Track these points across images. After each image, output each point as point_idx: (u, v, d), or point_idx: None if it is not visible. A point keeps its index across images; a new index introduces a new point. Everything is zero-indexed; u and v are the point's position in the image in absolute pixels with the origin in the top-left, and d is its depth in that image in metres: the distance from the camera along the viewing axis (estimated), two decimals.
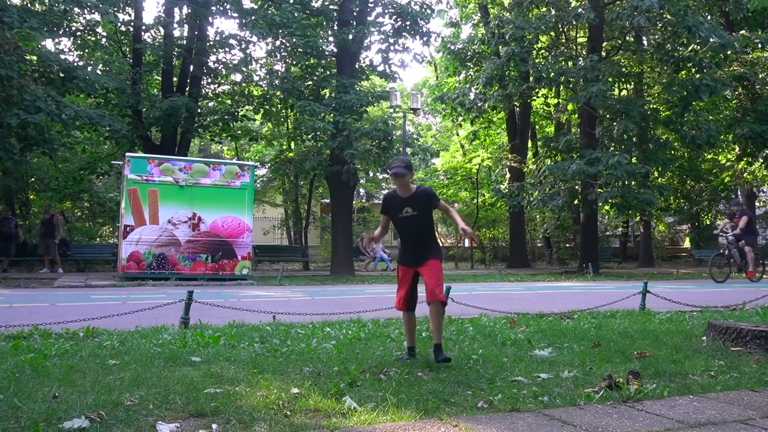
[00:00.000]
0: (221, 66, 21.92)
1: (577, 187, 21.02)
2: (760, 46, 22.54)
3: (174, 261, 15.74)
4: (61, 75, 17.77)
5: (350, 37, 20.13)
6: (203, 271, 15.96)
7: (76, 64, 19.53)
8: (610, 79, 20.54)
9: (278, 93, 21.26)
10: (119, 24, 20.72)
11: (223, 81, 22.60)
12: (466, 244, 30.93)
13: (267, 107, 22.10)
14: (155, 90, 22.50)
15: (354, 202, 25.50)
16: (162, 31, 21.72)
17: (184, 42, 21.36)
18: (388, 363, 4.89)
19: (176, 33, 21.83)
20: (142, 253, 15.50)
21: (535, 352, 5.44)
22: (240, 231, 16.42)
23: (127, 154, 16.61)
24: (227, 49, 21.43)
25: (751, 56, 22.42)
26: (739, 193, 28.65)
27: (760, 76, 22.21)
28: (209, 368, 4.61)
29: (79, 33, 21.03)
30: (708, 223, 30.34)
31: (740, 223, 16.07)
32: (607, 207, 21.07)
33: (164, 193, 15.74)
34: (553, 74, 20.38)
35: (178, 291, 10.33)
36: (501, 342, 5.95)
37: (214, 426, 3.24)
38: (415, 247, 5.20)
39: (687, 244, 34.71)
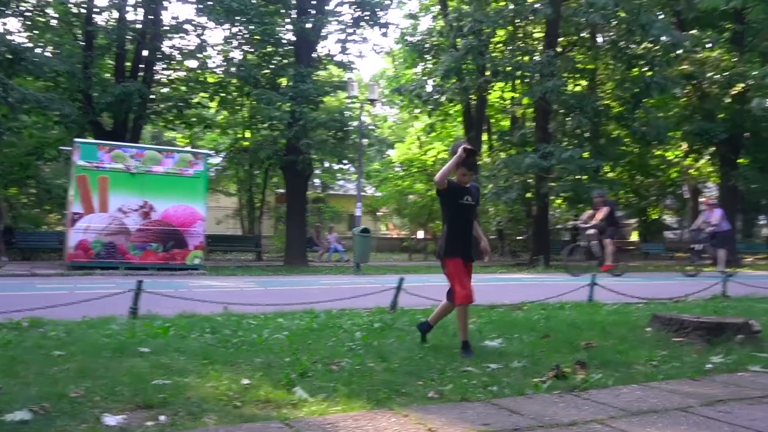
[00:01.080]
0: (176, 51, 21.51)
1: (530, 180, 21.32)
2: (709, 45, 23.13)
3: (124, 250, 15.46)
4: (9, 57, 17.18)
5: (309, 25, 20.05)
6: (154, 260, 15.71)
7: (24, 45, 18.87)
8: (565, 75, 20.86)
9: (234, 80, 21.09)
10: (70, 5, 20.13)
11: (177, 67, 22.17)
12: (420, 236, 31.13)
13: (222, 95, 21.86)
14: (107, 74, 21.90)
15: (309, 192, 25.43)
16: (115, 13, 21.17)
17: (139, 26, 20.85)
18: (340, 354, 4.90)
19: (130, 16, 21.33)
20: (91, 242, 15.17)
21: (485, 343, 5.49)
22: (192, 220, 16.21)
23: (77, 139, 16.23)
24: (182, 35, 21.07)
25: (700, 55, 22.97)
26: (685, 188, 29.52)
27: (708, 75, 22.70)
28: (158, 359, 4.54)
29: (28, 13, 20.36)
30: (655, 217, 30.86)
31: (599, 215, 15.60)
32: (559, 200, 21.38)
33: (115, 181, 15.42)
34: (509, 68, 20.58)
35: (128, 281, 10.14)
36: (452, 333, 5.93)
37: (161, 417, 3.20)
38: (469, 239, 5.20)
39: (635, 237, 35.53)
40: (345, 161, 22.20)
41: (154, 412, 3.29)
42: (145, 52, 20.67)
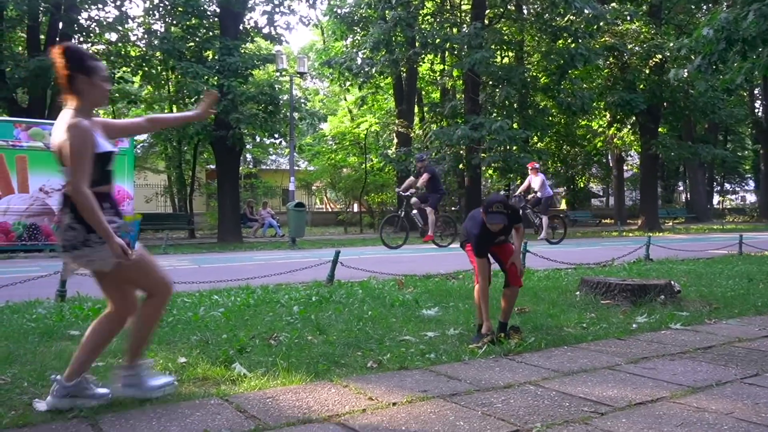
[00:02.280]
0: (94, 24, 20.40)
1: (461, 151, 21.61)
2: (629, 18, 23.76)
3: (48, 231, 14.84)
4: None
5: None
6: None
7: None
8: (492, 47, 21.03)
9: (158, 54, 20.31)
10: None
11: (96, 40, 21.06)
12: (355, 209, 31.16)
13: (146, 69, 20.95)
14: (20, 48, 20.75)
15: (240, 167, 25.17)
16: None
17: None
18: (278, 328, 4.89)
19: None
20: (11, 224, 14.52)
21: (422, 312, 5.57)
22: (119, 199, 15.71)
23: None
24: (100, 6, 20.01)
25: (621, 28, 23.55)
26: (609, 156, 30.44)
27: (629, 47, 23.36)
28: None
29: None
30: (582, 186, 31.78)
31: (420, 182, 14.46)
32: (490, 171, 21.79)
33: (34, 160, 14.74)
34: (438, 40, 20.63)
35: (53, 263, 9.78)
36: (390, 303, 6.04)
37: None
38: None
39: (563, 206, 36.45)
40: (276, 135, 21.67)
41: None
42: (60, 25, 19.58)
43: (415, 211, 14.82)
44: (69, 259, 3.03)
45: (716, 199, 45.36)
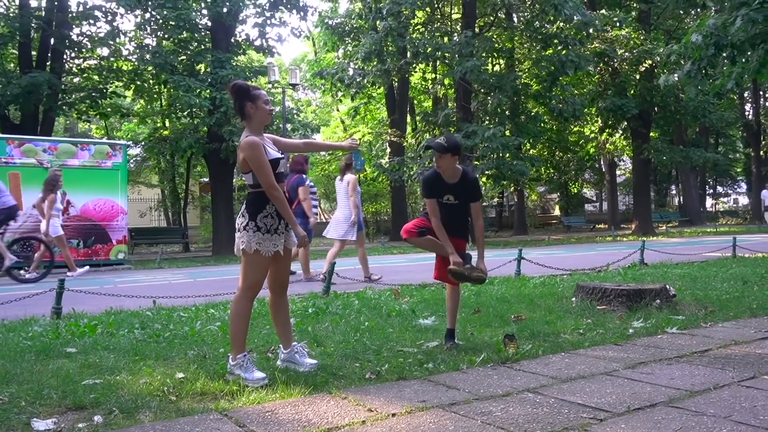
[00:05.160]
0: (86, 39, 20.44)
1: None
2: (618, 24, 23.87)
3: (36, 248, 14.72)
4: None
5: (225, 10, 19.49)
6: (76, 257, 15.05)
7: None
8: (483, 55, 21.13)
9: (150, 68, 20.29)
10: None
11: (88, 55, 21.13)
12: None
13: (138, 83, 21.07)
14: (12, 65, 20.72)
15: (234, 180, 24.90)
16: (17, 0, 20.08)
17: (43, 13, 19.80)
18: (275, 341, 4.85)
19: (33, 3, 20.25)
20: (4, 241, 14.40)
21: (419, 321, 5.55)
22: (114, 214, 15.67)
23: None
24: (91, 21, 20.02)
25: (610, 34, 23.68)
26: (602, 162, 30.44)
27: (619, 53, 23.46)
28: (86, 359, 4.41)
29: None
30: (575, 191, 31.72)
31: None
32: (483, 178, 21.84)
33: (27, 176, 14.68)
34: (429, 49, 20.71)
35: (49, 280, 9.73)
36: (386, 313, 6.03)
37: (96, 418, 3.11)
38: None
39: (557, 211, 36.48)
40: None
41: (86, 413, 3.21)
42: (52, 41, 19.60)
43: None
44: (238, 239, 3.86)
45: (709, 202, 45.56)
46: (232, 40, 20.98)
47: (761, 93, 39.28)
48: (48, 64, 19.35)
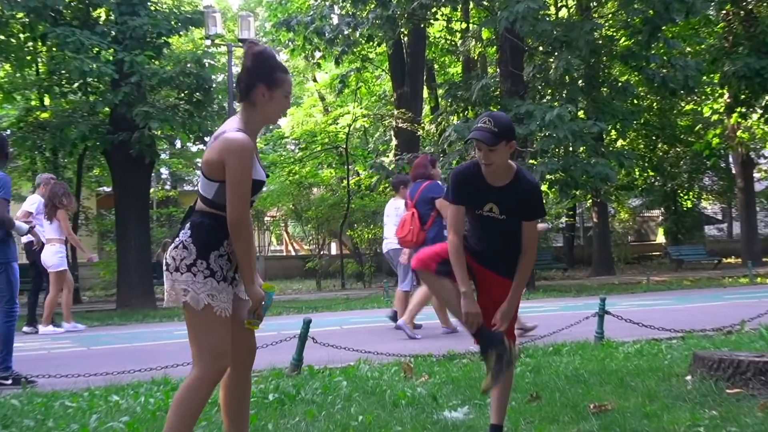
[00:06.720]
0: None
1: None
2: None
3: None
4: None
5: None
6: None
7: None
8: None
9: (19, 15, 16.70)
10: None
11: None
12: (333, 251, 26.11)
13: (2, 38, 17.19)
14: None
15: (152, 189, 21.52)
16: None
17: None
18: None
19: None
20: None
21: (444, 414, 4.60)
22: None
23: None
24: None
25: None
26: (731, 159, 26.04)
27: None
28: None
29: None
30: (689, 206, 27.51)
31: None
32: (545, 186, 17.52)
33: None
34: None
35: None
36: (392, 401, 4.98)
37: None
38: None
39: (660, 238, 32.62)
40: (206, 138, 18.31)
41: None
42: None
43: None
44: (167, 283, 3.11)
45: None
46: None
47: None
48: None
